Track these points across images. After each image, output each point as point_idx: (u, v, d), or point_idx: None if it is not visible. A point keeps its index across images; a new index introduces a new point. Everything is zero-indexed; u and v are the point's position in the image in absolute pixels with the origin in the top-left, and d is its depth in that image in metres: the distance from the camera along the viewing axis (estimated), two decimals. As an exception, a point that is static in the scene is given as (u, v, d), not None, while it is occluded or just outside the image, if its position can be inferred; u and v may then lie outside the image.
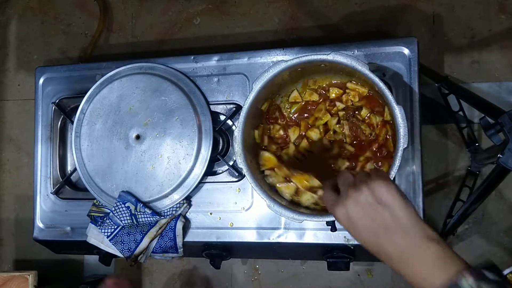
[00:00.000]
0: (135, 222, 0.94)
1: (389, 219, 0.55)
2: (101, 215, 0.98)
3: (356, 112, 0.87)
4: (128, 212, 0.93)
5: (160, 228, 0.95)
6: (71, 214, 1.04)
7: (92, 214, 0.99)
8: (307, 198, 0.84)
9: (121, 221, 0.94)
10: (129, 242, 0.95)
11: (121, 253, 0.95)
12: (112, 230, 0.95)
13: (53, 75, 1.09)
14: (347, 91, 0.87)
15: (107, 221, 0.95)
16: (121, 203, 0.93)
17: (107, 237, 0.96)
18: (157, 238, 0.96)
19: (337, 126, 0.87)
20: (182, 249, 0.97)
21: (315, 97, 0.89)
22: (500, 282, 0.50)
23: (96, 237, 0.98)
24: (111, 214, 0.95)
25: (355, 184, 0.59)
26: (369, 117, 0.86)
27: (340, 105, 0.87)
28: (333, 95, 0.88)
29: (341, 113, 0.87)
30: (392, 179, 0.75)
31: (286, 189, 0.85)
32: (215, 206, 0.96)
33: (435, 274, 0.51)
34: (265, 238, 0.93)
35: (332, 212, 0.60)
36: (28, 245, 1.44)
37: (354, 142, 0.86)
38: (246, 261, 1.33)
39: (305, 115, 0.90)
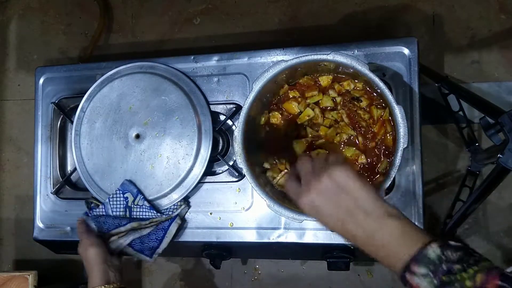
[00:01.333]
0: (128, 216, 0.93)
1: (351, 203, 0.56)
2: (99, 204, 0.97)
3: (354, 100, 0.86)
4: (124, 203, 0.92)
5: (150, 223, 0.93)
6: (71, 214, 1.04)
7: (91, 200, 0.98)
8: None
9: (112, 211, 0.93)
10: (112, 224, 0.93)
11: (99, 231, 0.93)
12: (99, 213, 0.94)
13: (53, 75, 1.09)
14: (338, 81, 0.87)
15: (100, 206, 0.94)
16: (120, 192, 0.93)
17: (90, 216, 0.94)
18: (141, 231, 0.93)
19: (334, 112, 0.86)
20: (157, 256, 0.94)
21: (310, 81, 0.88)
22: (464, 247, 0.51)
23: None
24: (106, 200, 0.94)
25: (314, 171, 0.60)
26: (370, 109, 0.85)
27: (332, 93, 0.86)
28: (325, 81, 0.87)
29: (338, 99, 0.86)
30: (392, 179, 0.75)
31: None
32: (215, 206, 0.96)
33: (402, 249, 0.53)
34: (265, 238, 0.93)
35: (297, 204, 0.61)
36: (28, 245, 1.44)
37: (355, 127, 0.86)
38: (246, 261, 1.33)
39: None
